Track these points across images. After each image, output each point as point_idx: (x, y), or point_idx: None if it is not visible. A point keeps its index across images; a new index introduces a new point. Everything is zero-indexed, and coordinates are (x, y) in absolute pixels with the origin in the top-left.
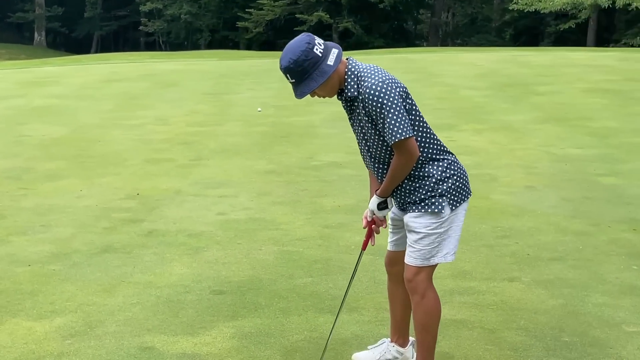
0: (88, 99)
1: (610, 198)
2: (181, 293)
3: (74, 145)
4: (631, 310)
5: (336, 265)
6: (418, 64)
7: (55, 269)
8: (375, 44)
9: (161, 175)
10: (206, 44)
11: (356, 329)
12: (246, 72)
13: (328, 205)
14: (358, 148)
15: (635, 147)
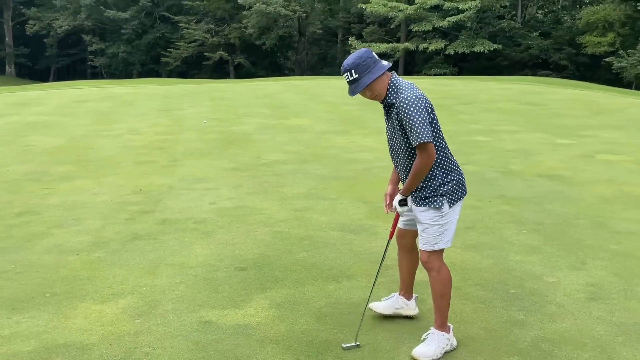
0: (69, 116)
1: (478, 181)
2: (211, 271)
3: (73, 152)
4: (542, 264)
5: (319, 241)
6: (302, 88)
7: (100, 256)
8: (259, 74)
9: (151, 174)
10: (137, 74)
11: (360, 292)
12: (181, 94)
13: (289, 193)
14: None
15: (473, 144)
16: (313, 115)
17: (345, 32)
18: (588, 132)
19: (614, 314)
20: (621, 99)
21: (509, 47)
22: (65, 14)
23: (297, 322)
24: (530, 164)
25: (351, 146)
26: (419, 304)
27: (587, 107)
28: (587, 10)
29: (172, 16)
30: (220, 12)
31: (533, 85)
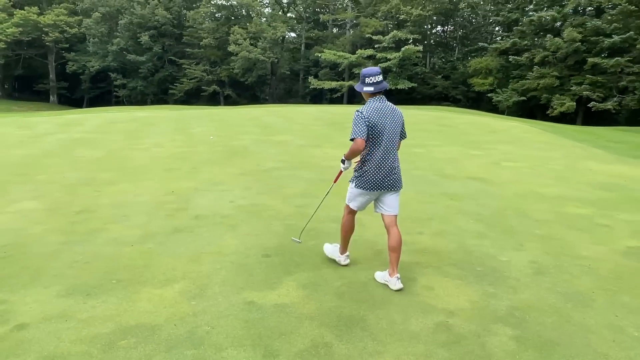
0: (105, 134)
1: (426, 182)
2: (243, 258)
3: (113, 162)
4: (492, 247)
5: (321, 232)
6: (279, 113)
7: (150, 247)
8: (242, 102)
9: (178, 179)
10: (151, 102)
11: (365, 273)
12: (189, 117)
13: (289, 193)
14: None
15: (413, 154)
16: (291, 133)
17: (305, 73)
18: (489, 146)
19: (557, 285)
20: (503, 122)
21: (421, 85)
22: (96, 58)
23: (323, 300)
24: (458, 169)
25: (326, 156)
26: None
27: (483, 128)
28: (474, 60)
29: (178, 59)
30: (214, 57)
31: (442, 112)
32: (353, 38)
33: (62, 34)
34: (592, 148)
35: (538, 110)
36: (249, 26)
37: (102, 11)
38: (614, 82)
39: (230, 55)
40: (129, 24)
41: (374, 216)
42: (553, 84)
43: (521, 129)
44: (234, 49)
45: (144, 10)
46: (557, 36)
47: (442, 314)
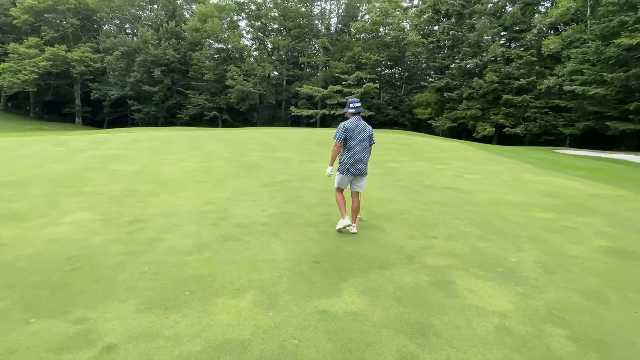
0: (133, 150)
1: (414, 192)
2: (297, 265)
3: (147, 175)
4: (498, 248)
5: (352, 238)
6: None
7: (209, 255)
8: (237, 125)
9: (210, 190)
10: (161, 124)
11: (409, 277)
12: (200, 137)
13: (309, 202)
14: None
15: (391, 168)
16: (289, 150)
17: (286, 103)
18: (446, 161)
19: (569, 283)
20: (446, 142)
21: (377, 114)
22: (116, 87)
23: (387, 306)
24: (432, 180)
25: (322, 169)
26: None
27: (434, 147)
28: (417, 95)
29: (184, 90)
30: (214, 89)
31: (398, 134)
32: (324, 76)
33: (87, 68)
34: (521, 163)
35: (465, 133)
36: (242, 65)
37: (122, 50)
38: (521, 113)
39: (227, 87)
40: (144, 61)
41: (395, 223)
42: (477, 114)
43: (463, 148)
44: (230, 83)
45: (157, 51)
46: (480, 78)
47: (495, 316)
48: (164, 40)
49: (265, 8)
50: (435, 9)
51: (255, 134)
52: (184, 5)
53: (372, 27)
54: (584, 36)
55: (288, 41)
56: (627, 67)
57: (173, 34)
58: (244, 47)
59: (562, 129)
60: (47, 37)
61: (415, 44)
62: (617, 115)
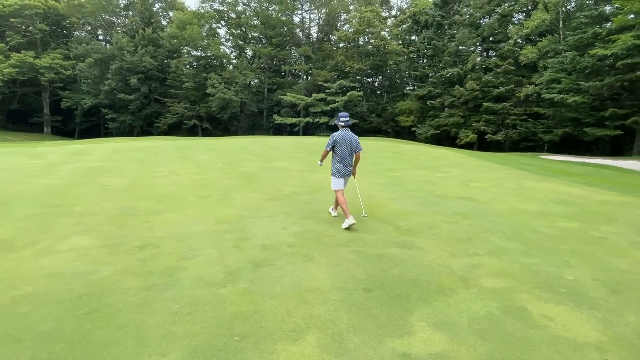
0: (118, 162)
1: (431, 202)
2: (349, 295)
3: (142, 190)
4: (548, 265)
5: (393, 258)
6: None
7: (244, 287)
8: (218, 134)
9: (217, 206)
10: (137, 133)
11: (476, 305)
12: (186, 146)
13: (328, 218)
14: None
15: (395, 177)
16: (284, 160)
17: (268, 111)
18: (445, 170)
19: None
20: (435, 150)
21: (361, 122)
22: (89, 96)
23: (470, 343)
24: (443, 190)
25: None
26: None
27: (425, 154)
28: (399, 103)
29: (162, 98)
30: (193, 97)
31: (386, 142)
32: (307, 84)
33: (57, 75)
34: (515, 169)
35: (447, 140)
36: (223, 73)
37: (95, 57)
38: (501, 120)
39: (208, 95)
40: (120, 69)
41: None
42: (459, 121)
43: (454, 156)
44: (211, 91)
45: (133, 58)
46: (461, 86)
47: (593, 350)
48: (140, 47)
49: (245, 16)
50: (414, 19)
51: (243, 143)
52: (161, 12)
53: (355, 35)
54: (559, 47)
55: (269, 49)
56: (602, 77)
57: (150, 41)
58: (224, 54)
59: (542, 135)
60: (12, 42)
61: (397, 53)
62: (593, 122)
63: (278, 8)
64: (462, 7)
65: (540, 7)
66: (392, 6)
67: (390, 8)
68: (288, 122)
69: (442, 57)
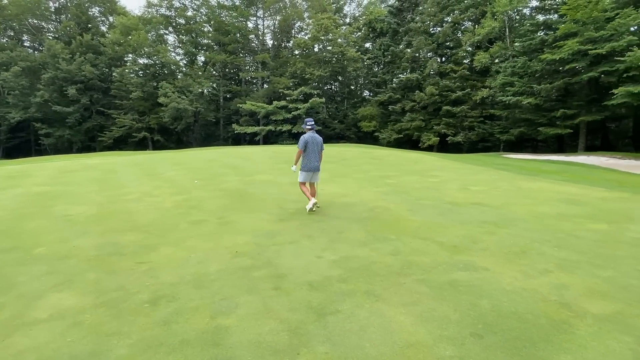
0: (70, 184)
1: (449, 211)
2: (461, 348)
3: (116, 219)
4: (627, 278)
5: (472, 287)
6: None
7: (326, 350)
8: (170, 146)
9: (221, 233)
10: (77, 149)
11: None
12: (147, 162)
13: (359, 238)
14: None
15: (392, 185)
16: (266, 172)
17: (226, 120)
18: (432, 173)
19: None
20: (410, 154)
21: (324, 128)
22: (17, 109)
23: None
24: (448, 196)
25: (334, 193)
26: None
27: (404, 159)
28: (361, 109)
29: (106, 110)
30: (142, 108)
31: (360, 149)
32: (267, 92)
33: None
34: (495, 170)
35: (410, 143)
36: (175, 81)
37: (22, 65)
38: (460, 123)
39: (159, 105)
40: (54, 78)
41: (483, 257)
42: (421, 125)
43: (430, 159)
44: (163, 101)
45: (70, 66)
46: (421, 91)
47: None
48: (78, 55)
49: (196, 22)
50: (370, 26)
51: (210, 155)
52: (99, 17)
53: (313, 42)
54: (508, 52)
55: (225, 56)
56: (551, 80)
57: (89, 48)
58: (175, 62)
59: (499, 135)
60: None
61: (354, 59)
62: (545, 122)
63: (231, 14)
64: (416, 15)
65: (488, 15)
66: (345, 14)
67: (344, 16)
68: (249, 131)
69: (400, 63)
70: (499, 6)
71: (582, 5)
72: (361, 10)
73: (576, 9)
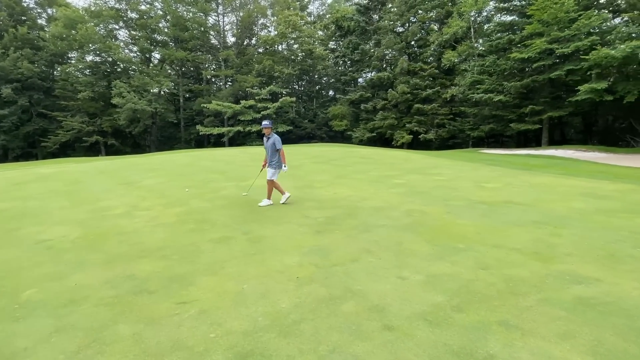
0: (33, 200)
1: (487, 213)
2: None
3: (113, 241)
4: None
5: (600, 306)
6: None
7: None
8: (126, 150)
9: (262, 253)
10: (15, 157)
11: None
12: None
13: (422, 251)
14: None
15: (399, 185)
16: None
17: (188, 121)
18: (432, 171)
19: None
20: (393, 152)
21: (295, 128)
22: None
23: None
24: (473, 194)
25: (348, 197)
26: None
27: (392, 158)
28: (332, 108)
29: (50, 112)
30: (93, 109)
31: (343, 148)
32: (233, 91)
33: None
34: (490, 166)
35: (382, 142)
36: (131, 80)
37: None
38: (431, 120)
39: (113, 106)
40: None
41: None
42: (394, 123)
43: (418, 157)
44: (118, 102)
45: (4, 63)
46: (393, 90)
47: None
48: (13, 50)
49: (151, 17)
50: (337, 24)
51: (182, 159)
52: (37, 9)
53: (281, 39)
54: (476, 51)
55: (185, 53)
56: (520, 77)
57: (26, 42)
58: (129, 59)
59: (469, 132)
60: None
61: (323, 57)
62: (515, 117)
63: (189, 9)
64: (384, 13)
65: (454, 15)
66: (310, 13)
67: (308, 14)
68: (214, 133)
69: (370, 61)
70: (464, 6)
71: (549, 7)
72: (325, 9)
73: (543, 10)
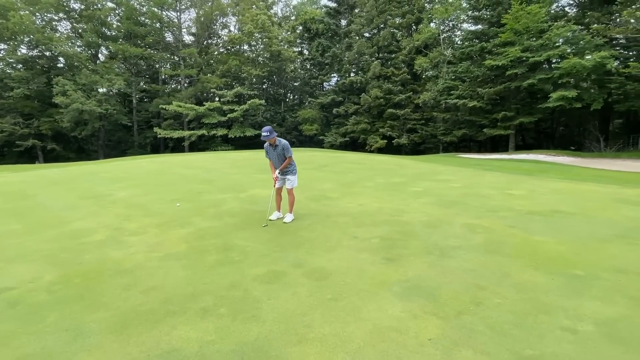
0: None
1: (548, 224)
2: None
3: (109, 285)
4: None
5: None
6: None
7: None
8: (70, 156)
9: (338, 297)
10: None
11: None
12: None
13: (469, 267)
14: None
15: (407, 193)
16: (254, 185)
17: (142, 124)
18: (439, 177)
19: None
20: (383, 157)
21: None
22: None
23: None
24: (511, 203)
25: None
26: None
27: (387, 163)
28: (301, 112)
29: None
30: (28, 109)
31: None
32: (195, 92)
33: None
34: (486, 171)
35: (354, 146)
36: (77, 78)
37: None
38: (403, 125)
39: (54, 107)
40: None
41: None
42: (367, 127)
43: (410, 162)
44: (61, 101)
45: None
46: (366, 94)
47: None
48: None
49: (99, 9)
50: (306, 27)
51: (149, 166)
52: None
53: (248, 38)
54: (447, 58)
55: (141, 49)
56: (493, 84)
57: None
58: (75, 53)
59: (442, 137)
60: None
61: (291, 59)
62: (488, 123)
63: (142, 2)
64: (354, 17)
65: (425, 22)
66: (275, 14)
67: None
68: (175, 136)
69: (341, 65)
70: (436, 14)
71: (522, 17)
72: (290, 10)
73: (517, 19)
